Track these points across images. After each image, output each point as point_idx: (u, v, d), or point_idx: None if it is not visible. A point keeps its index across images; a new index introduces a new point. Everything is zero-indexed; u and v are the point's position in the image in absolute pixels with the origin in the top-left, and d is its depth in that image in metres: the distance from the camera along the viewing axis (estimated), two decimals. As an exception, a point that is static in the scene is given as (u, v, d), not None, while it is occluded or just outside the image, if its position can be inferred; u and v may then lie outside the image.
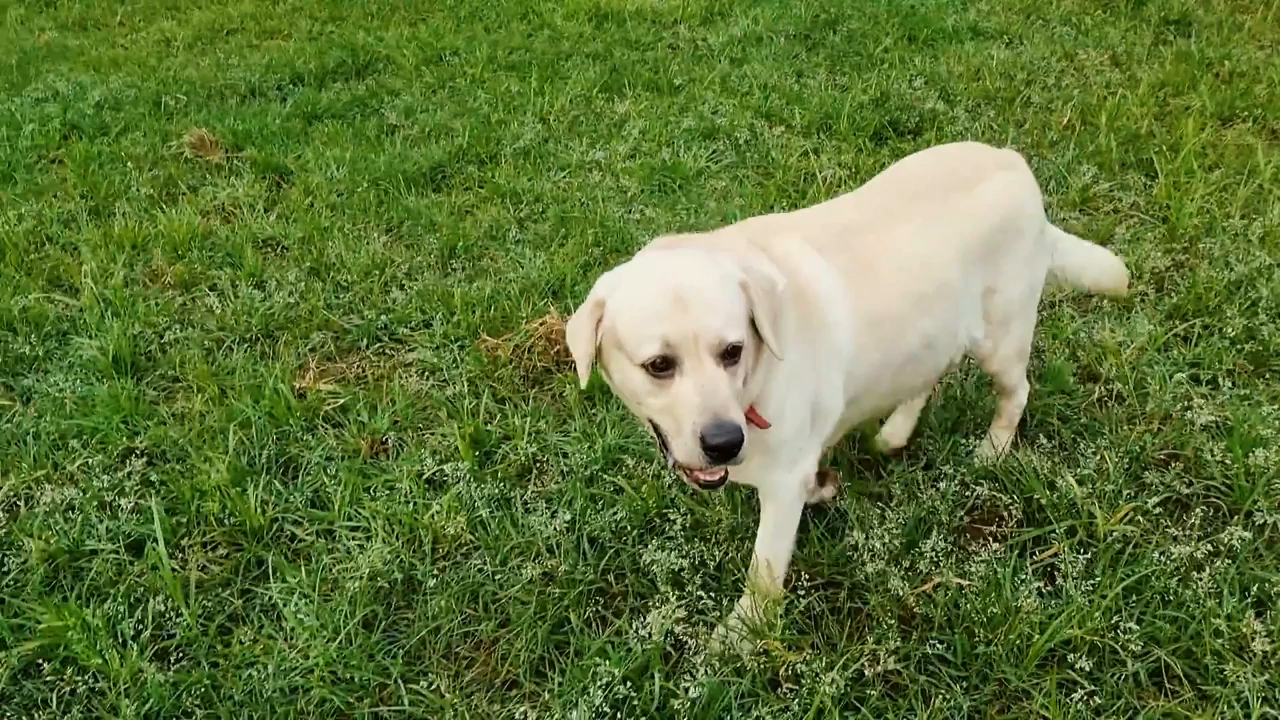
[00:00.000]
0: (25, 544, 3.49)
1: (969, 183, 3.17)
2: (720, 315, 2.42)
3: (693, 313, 2.40)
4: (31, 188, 6.53)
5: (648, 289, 2.49)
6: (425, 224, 5.68)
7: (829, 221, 3.05)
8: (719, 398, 2.37)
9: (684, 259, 2.57)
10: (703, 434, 2.34)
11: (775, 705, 2.72)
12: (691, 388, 2.39)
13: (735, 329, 2.43)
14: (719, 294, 2.46)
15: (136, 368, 4.53)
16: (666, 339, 2.39)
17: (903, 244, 2.99)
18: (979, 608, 2.93)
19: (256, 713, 2.87)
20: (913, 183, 3.20)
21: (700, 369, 2.40)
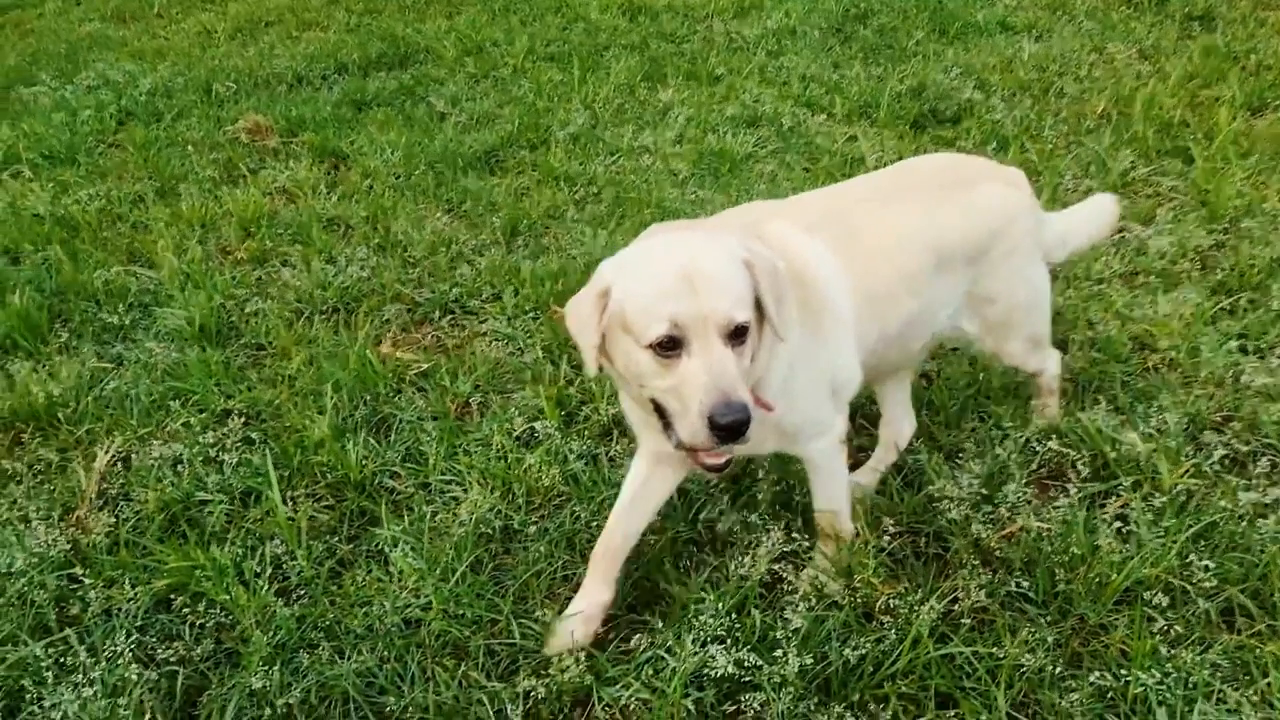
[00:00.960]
0: (140, 494, 3.68)
1: (962, 185, 3.26)
2: (729, 295, 2.45)
3: (702, 293, 2.42)
4: (94, 170, 6.72)
5: (656, 270, 2.51)
6: (485, 204, 5.86)
7: (816, 205, 3.19)
8: (727, 378, 2.39)
9: (689, 240, 2.61)
10: (711, 414, 2.35)
11: (872, 635, 2.90)
12: (699, 367, 2.40)
13: (743, 309, 2.46)
14: (727, 274, 2.48)
15: (221, 336, 4.72)
16: (675, 319, 2.41)
17: (885, 224, 3.08)
18: (1059, 549, 3.12)
19: (377, 644, 3.05)
20: (907, 177, 3.36)
21: (708, 349, 2.42)
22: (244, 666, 2.97)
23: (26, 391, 4.17)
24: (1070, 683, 2.81)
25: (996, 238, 3.24)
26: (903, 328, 3.12)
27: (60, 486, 3.75)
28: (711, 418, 2.35)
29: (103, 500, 3.71)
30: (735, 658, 2.80)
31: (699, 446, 2.46)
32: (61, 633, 3.08)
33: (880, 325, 3.03)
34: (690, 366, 2.41)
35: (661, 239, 2.66)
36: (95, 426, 4.07)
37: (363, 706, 2.87)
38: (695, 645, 2.87)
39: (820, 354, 2.87)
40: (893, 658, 2.84)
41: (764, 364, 2.69)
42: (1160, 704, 2.70)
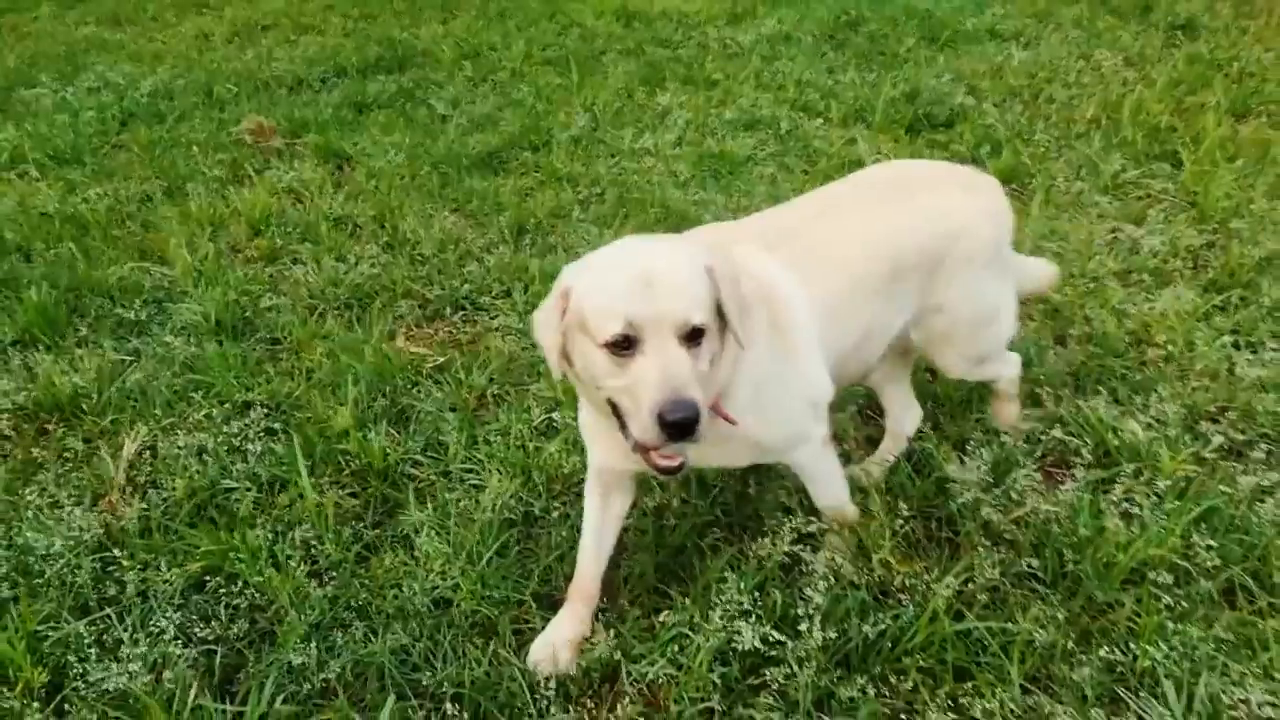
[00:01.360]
0: (167, 482, 3.76)
1: (919, 192, 3.27)
2: (685, 297, 2.46)
3: (658, 293, 2.43)
4: (100, 170, 6.79)
5: (615, 270, 2.52)
6: (491, 204, 5.96)
7: (772, 222, 3.20)
8: (679, 377, 2.39)
9: (651, 244, 2.67)
10: (660, 410, 2.36)
11: (890, 612, 3.01)
12: (652, 365, 2.41)
13: (699, 311, 2.47)
14: (685, 276, 2.49)
15: (237, 331, 4.79)
16: (630, 318, 2.42)
17: (841, 236, 3.09)
18: (1067, 531, 3.24)
19: (409, 623, 3.14)
20: (864, 187, 3.37)
21: (662, 349, 2.43)
22: (280, 644, 3.05)
23: (50, 383, 4.24)
24: (1080, 657, 2.92)
25: (951, 245, 3.20)
26: (860, 339, 3.15)
27: (89, 474, 3.82)
28: (661, 415, 2.36)
29: (131, 487, 3.78)
30: (761, 633, 2.90)
31: (650, 445, 2.47)
32: (101, 612, 3.15)
33: (839, 336, 3.06)
34: (643, 365, 2.43)
35: (624, 243, 2.70)
36: (119, 417, 4.14)
37: (399, 681, 2.95)
38: (722, 621, 2.97)
39: (792, 370, 2.91)
40: (910, 633, 2.95)
41: (727, 373, 2.70)
42: (1167, 677, 2.82)
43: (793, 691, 2.84)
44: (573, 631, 3.11)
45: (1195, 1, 9.10)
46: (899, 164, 3.59)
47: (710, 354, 2.54)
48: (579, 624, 3.13)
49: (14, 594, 3.21)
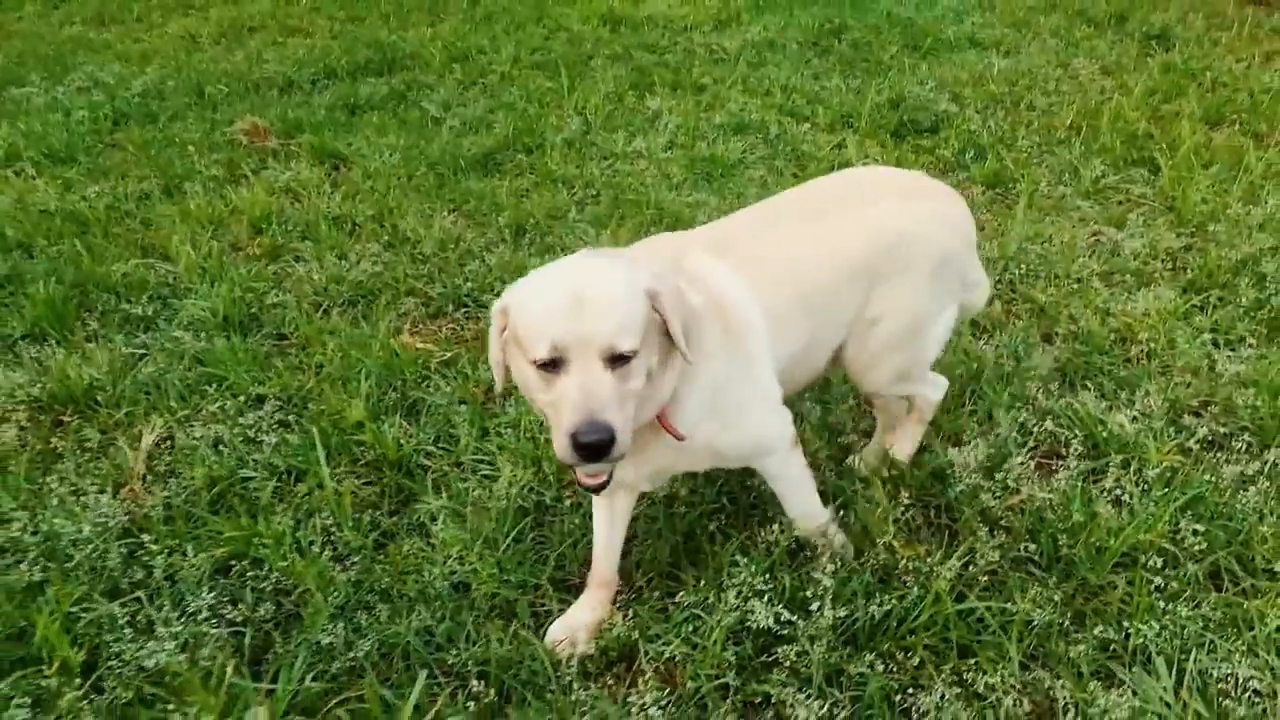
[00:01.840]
0: (185, 472, 3.85)
1: (865, 202, 3.27)
2: (613, 320, 2.46)
3: (586, 315, 2.44)
4: (96, 169, 6.84)
5: (548, 291, 2.54)
6: (489, 204, 6.07)
7: (726, 231, 3.21)
8: (597, 399, 2.42)
9: (590, 264, 2.67)
10: (574, 431, 2.39)
11: (895, 593, 3.15)
12: (573, 385, 2.44)
13: (628, 337, 2.47)
14: (618, 299, 2.50)
15: (243, 326, 4.88)
16: (556, 339, 2.44)
17: (788, 244, 3.11)
18: (1061, 517, 3.39)
19: (431, 606, 3.25)
20: (815, 194, 3.37)
21: (586, 369, 2.45)
22: (308, 626, 3.15)
23: (64, 376, 4.31)
24: (1076, 636, 3.07)
25: (891, 254, 3.19)
26: (805, 346, 3.16)
27: (108, 464, 3.90)
28: (574, 435, 2.39)
29: (152, 476, 3.86)
30: (774, 612, 3.03)
31: (566, 463, 2.49)
32: (132, 595, 3.25)
33: (787, 343, 3.08)
34: (566, 385, 2.45)
35: (565, 262, 2.73)
36: (134, 410, 4.22)
37: (425, 660, 3.06)
38: (736, 601, 3.10)
39: (749, 376, 2.95)
40: (915, 613, 3.09)
41: (668, 389, 2.72)
42: (1159, 653, 2.97)
43: (804, 668, 2.96)
44: (591, 616, 3.23)
45: (1169, 12, 9.36)
46: (853, 171, 3.63)
47: (643, 373, 2.55)
48: (598, 609, 3.25)
49: (45, 577, 3.29)
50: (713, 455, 3.03)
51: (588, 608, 3.26)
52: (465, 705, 2.91)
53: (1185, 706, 2.82)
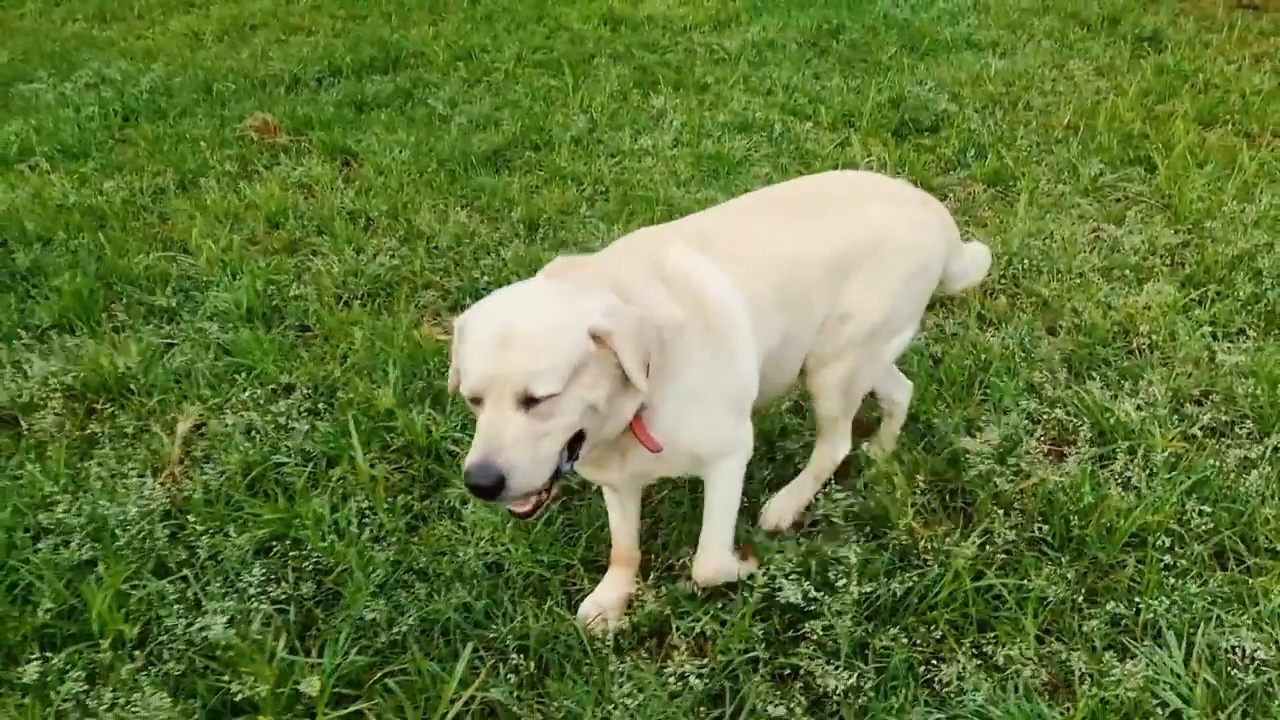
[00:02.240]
0: (220, 458, 3.95)
1: (845, 203, 3.31)
2: (535, 364, 2.44)
3: (508, 356, 2.45)
4: (109, 164, 6.92)
5: (483, 324, 2.55)
6: (501, 200, 6.18)
7: (705, 225, 3.19)
8: (495, 442, 2.43)
9: (536, 296, 2.65)
10: (467, 469, 2.43)
11: (915, 571, 3.28)
12: (482, 423, 2.47)
13: (548, 381, 2.45)
14: (545, 341, 2.47)
15: (266, 318, 4.98)
16: (476, 378, 2.48)
17: (773, 238, 3.13)
18: (1072, 500, 3.53)
19: (468, 585, 3.36)
20: (794, 193, 3.43)
21: (497, 408, 2.46)
22: (350, 603, 3.26)
23: (97, 365, 4.41)
24: (1089, 611, 3.21)
25: (864, 251, 3.22)
26: (782, 343, 3.17)
27: (144, 450, 4.00)
28: (467, 472, 2.44)
29: (189, 461, 3.97)
30: (802, 588, 3.16)
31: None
32: (179, 573, 3.35)
33: (765, 339, 3.08)
34: (481, 420, 2.49)
35: (518, 289, 2.74)
36: (165, 397, 4.32)
37: (466, 635, 3.17)
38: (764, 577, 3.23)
39: (730, 374, 2.95)
40: (936, 590, 3.22)
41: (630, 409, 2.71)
42: (1169, 628, 3.11)
43: (831, 642, 3.09)
44: (618, 593, 3.35)
45: (1160, 15, 9.52)
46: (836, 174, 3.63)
47: (573, 410, 2.53)
48: (624, 586, 3.37)
49: (93, 556, 3.40)
50: (687, 457, 3.01)
51: (614, 585, 3.37)
52: (506, 677, 3.02)
53: (1195, 676, 2.95)
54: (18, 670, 2.99)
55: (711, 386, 2.92)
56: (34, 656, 3.01)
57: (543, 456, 2.50)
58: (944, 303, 5.02)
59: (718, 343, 2.90)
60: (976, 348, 4.54)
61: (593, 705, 2.92)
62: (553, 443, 2.52)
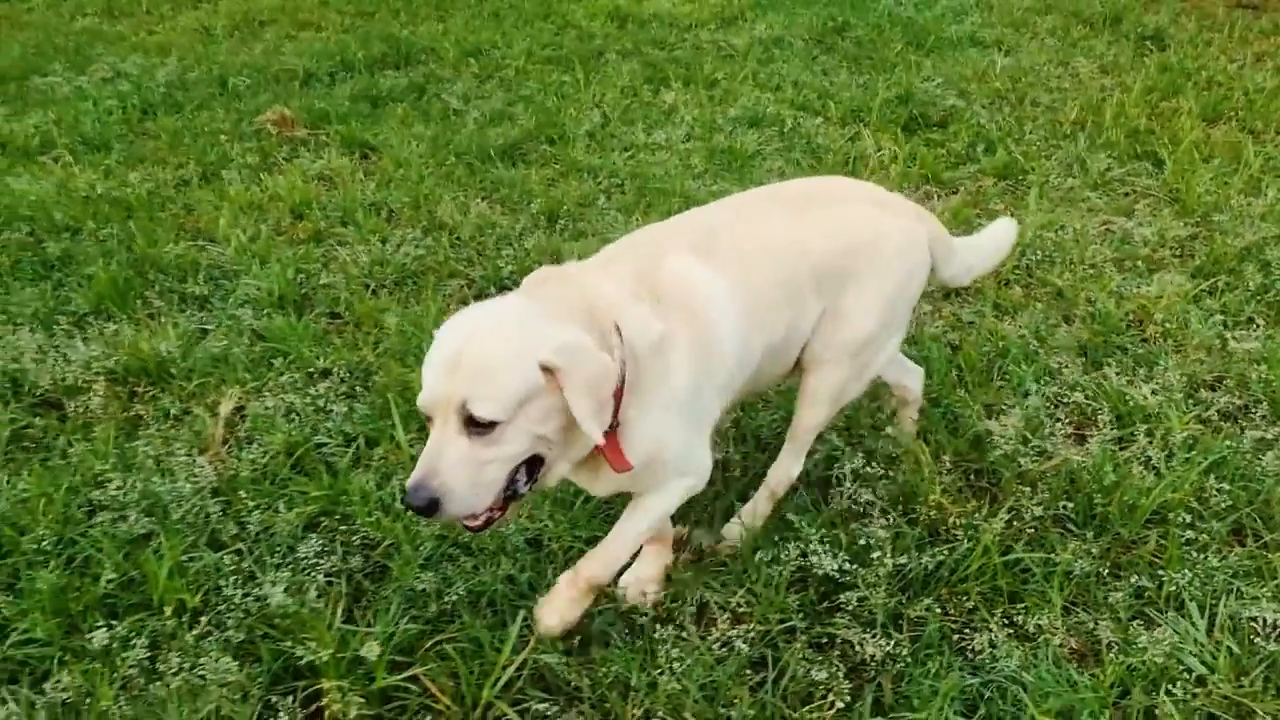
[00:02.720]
0: (263, 439, 4.05)
1: (833, 203, 3.35)
2: (478, 390, 2.44)
3: (455, 379, 2.45)
4: (130, 156, 7.00)
5: (441, 342, 2.56)
6: (520, 192, 6.29)
7: (708, 224, 3.16)
8: (434, 463, 2.46)
9: (495, 320, 2.62)
10: (407, 486, 2.48)
11: (946, 546, 3.40)
12: (429, 443, 2.50)
13: (491, 409, 2.45)
14: (495, 369, 2.47)
15: (298, 305, 5.08)
16: (425, 395, 2.52)
17: (770, 236, 3.14)
18: (1095, 478, 3.65)
19: (511, 558, 3.46)
20: (785, 194, 3.41)
21: (442, 429, 2.48)
22: (399, 575, 3.36)
23: (137, 349, 4.50)
24: (1114, 584, 3.33)
25: (856, 256, 3.26)
26: (785, 337, 3.21)
27: (188, 431, 4.10)
28: (405, 491, 2.49)
29: (233, 442, 4.07)
30: (837, 563, 3.27)
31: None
32: (233, 547, 3.46)
33: (765, 336, 3.11)
34: (430, 437, 2.53)
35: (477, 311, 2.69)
36: (205, 381, 4.42)
37: (514, 605, 3.27)
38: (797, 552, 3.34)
39: (705, 390, 2.95)
40: (966, 563, 3.34)
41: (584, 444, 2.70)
42: (1191, 599, 3.23)
43: (866, 612, 3.21)
44: (656, 568, 3.44)
45: (1161, 14, 9.66)
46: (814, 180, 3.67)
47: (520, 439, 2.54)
48: (661, 559, 3.46)
49: (151, 529, 3.50)
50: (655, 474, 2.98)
51: (651, 560, 3.44)
52: (555, 645, 3.13)
53: (1218, 645, 3.08)
54: (85, 637, 3.09)
55: (689, 397, 2.90)
56: (99, 624, 3.11)
57: (484, 481, 2.51)
58: (959, 293, 5.14)
59: (701, 358, 2.90)
60: (994, 335, 4.67)
61: (638, 671, 3.03)
62: (497, 470, 2.53)
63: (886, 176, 6.41)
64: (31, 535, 3.45)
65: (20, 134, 7.26)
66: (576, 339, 2.57)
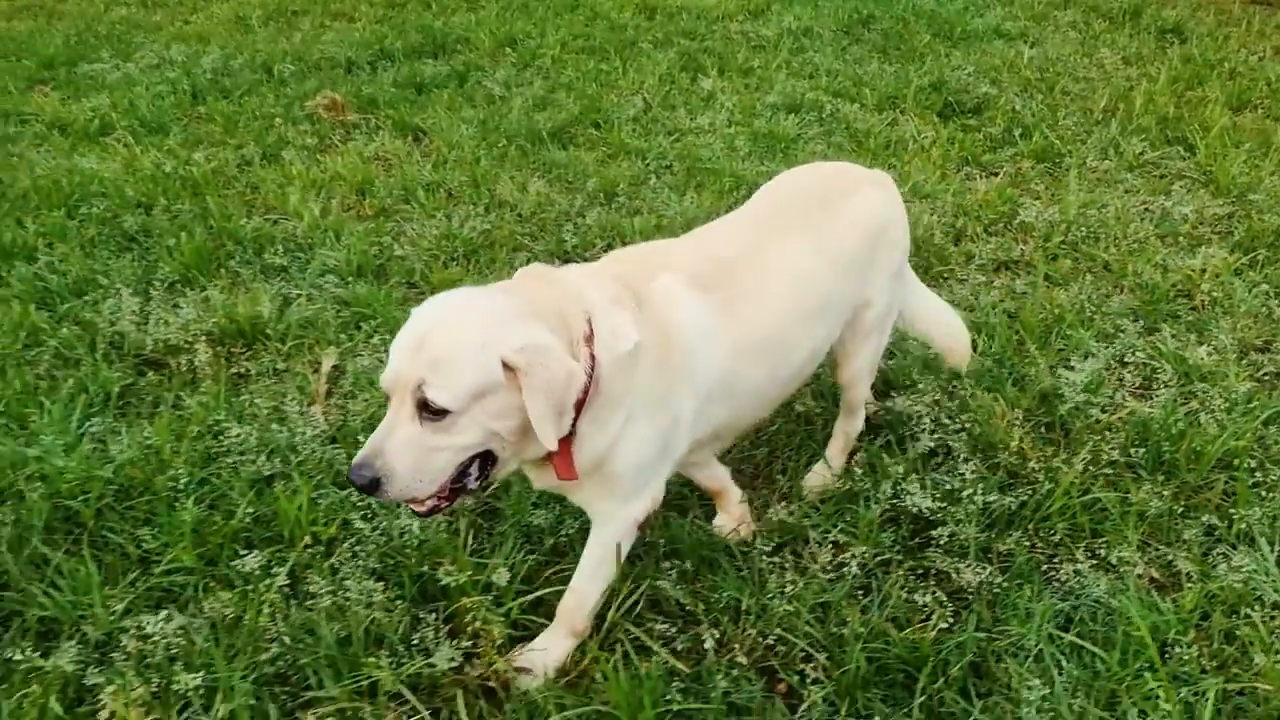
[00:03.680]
0: (366, 391, 4.24)
1: (843, 195, 3.37)
2: (434, 376, 2.45)
3: (416, 361, 2.46)
4: (189, 138, 7.20)
5: (412, 323, 2.58)
6: (574, 171, 6.49)
7: (711, 253, 3.09)
8: (383, 442, 2.48)
9: (467, 310, 2.61)
10: (353, 463, 2.52)
11: (1026, 488, 3.61)
12: (383, 422, 2.53)
13: (445, 394, 2.44)
14: (451, 358, 2.46)
15: (375, 275, 5.28)
16: (387, 372, 2.53)
17: (785, 264, 3.11)
18: (1163, 427, 3.87)
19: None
20: (790, 199, 3.40)
21: (397, 410, 2.50)
22: (513, 513, 3.56)
23: (233, 313, 4.70)
24: (1185, 523, 3.54)
25: (876, 239, 3.38)
26: (806, 360, 3.28)
27: (291, 387, 4.29)
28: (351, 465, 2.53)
29: (337, 396, 4.26)
30: (928, 503, 3.49)
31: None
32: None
33: (769, 369, 3.12)
34: (386, 416, 2.54)
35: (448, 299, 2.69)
36: (298, 342, 4.61)
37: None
38: (889, 491, 3.55)
39: (667, 404, 2.88)
40: (1048, 503, 3.55)
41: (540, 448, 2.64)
42: (1261, 535, 3.44)
43: (957, 547, 3.42)
44: (737, 511, 3.61)
45: (1179, 8, 9.89)
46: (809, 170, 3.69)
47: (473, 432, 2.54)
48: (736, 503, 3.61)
49: (273, 471, 3.70)
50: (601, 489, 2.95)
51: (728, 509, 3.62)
52: (669, 573, 3.33)
53: (1291, 575, 3.30)
54: (229, 565, 3.29)
55: (647, 412, 2.84)
56: (243, 553, 3.31)
57: (430, 468, 2.52)
58: (1010, 265, 5.37)
59: (666, 378, 2.85)
60: (1049, 304, 4.87)
61: (748, 595, 3.23)
62: (445, 458, 2.53)
63: (929, 159, 6.63)
64: (165, 476, 3.64)
65: (79, 117, 7.44)
66: (543, 340, 2.54)
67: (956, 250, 5.48)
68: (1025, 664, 2.96)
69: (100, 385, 4.23)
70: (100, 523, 3.51)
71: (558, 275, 2.88)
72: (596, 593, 3.06)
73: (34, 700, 2.83)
